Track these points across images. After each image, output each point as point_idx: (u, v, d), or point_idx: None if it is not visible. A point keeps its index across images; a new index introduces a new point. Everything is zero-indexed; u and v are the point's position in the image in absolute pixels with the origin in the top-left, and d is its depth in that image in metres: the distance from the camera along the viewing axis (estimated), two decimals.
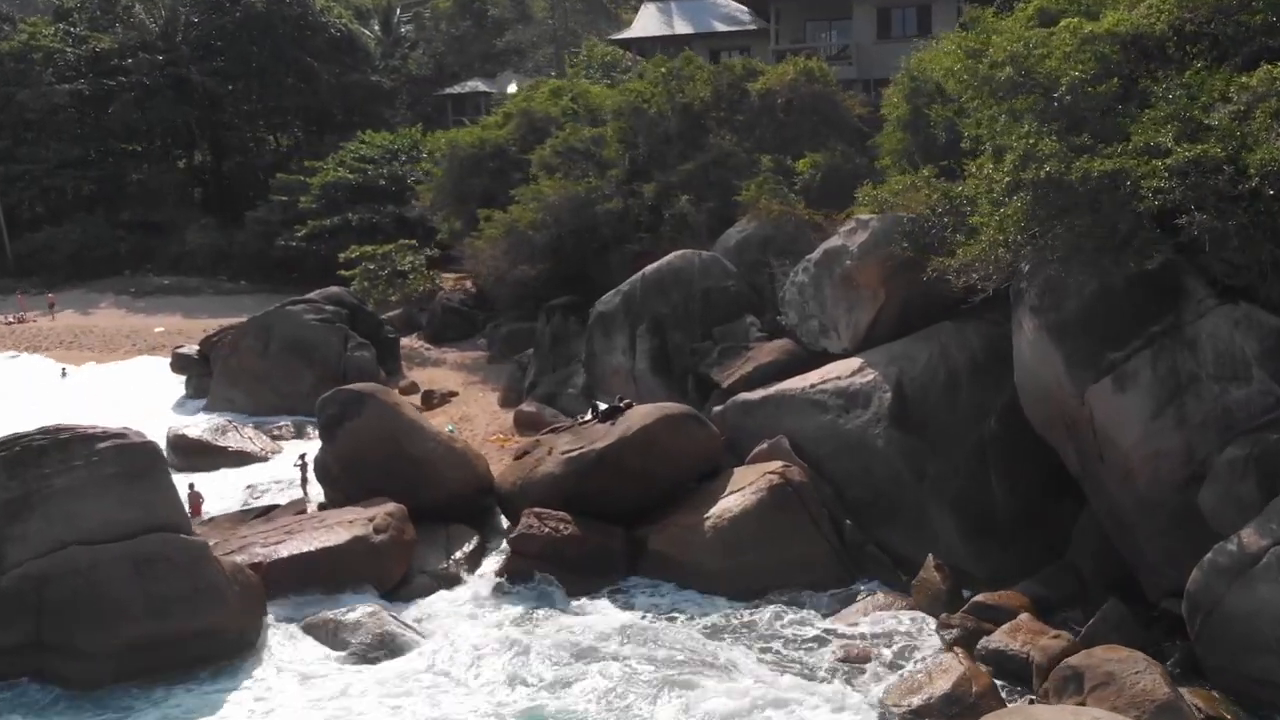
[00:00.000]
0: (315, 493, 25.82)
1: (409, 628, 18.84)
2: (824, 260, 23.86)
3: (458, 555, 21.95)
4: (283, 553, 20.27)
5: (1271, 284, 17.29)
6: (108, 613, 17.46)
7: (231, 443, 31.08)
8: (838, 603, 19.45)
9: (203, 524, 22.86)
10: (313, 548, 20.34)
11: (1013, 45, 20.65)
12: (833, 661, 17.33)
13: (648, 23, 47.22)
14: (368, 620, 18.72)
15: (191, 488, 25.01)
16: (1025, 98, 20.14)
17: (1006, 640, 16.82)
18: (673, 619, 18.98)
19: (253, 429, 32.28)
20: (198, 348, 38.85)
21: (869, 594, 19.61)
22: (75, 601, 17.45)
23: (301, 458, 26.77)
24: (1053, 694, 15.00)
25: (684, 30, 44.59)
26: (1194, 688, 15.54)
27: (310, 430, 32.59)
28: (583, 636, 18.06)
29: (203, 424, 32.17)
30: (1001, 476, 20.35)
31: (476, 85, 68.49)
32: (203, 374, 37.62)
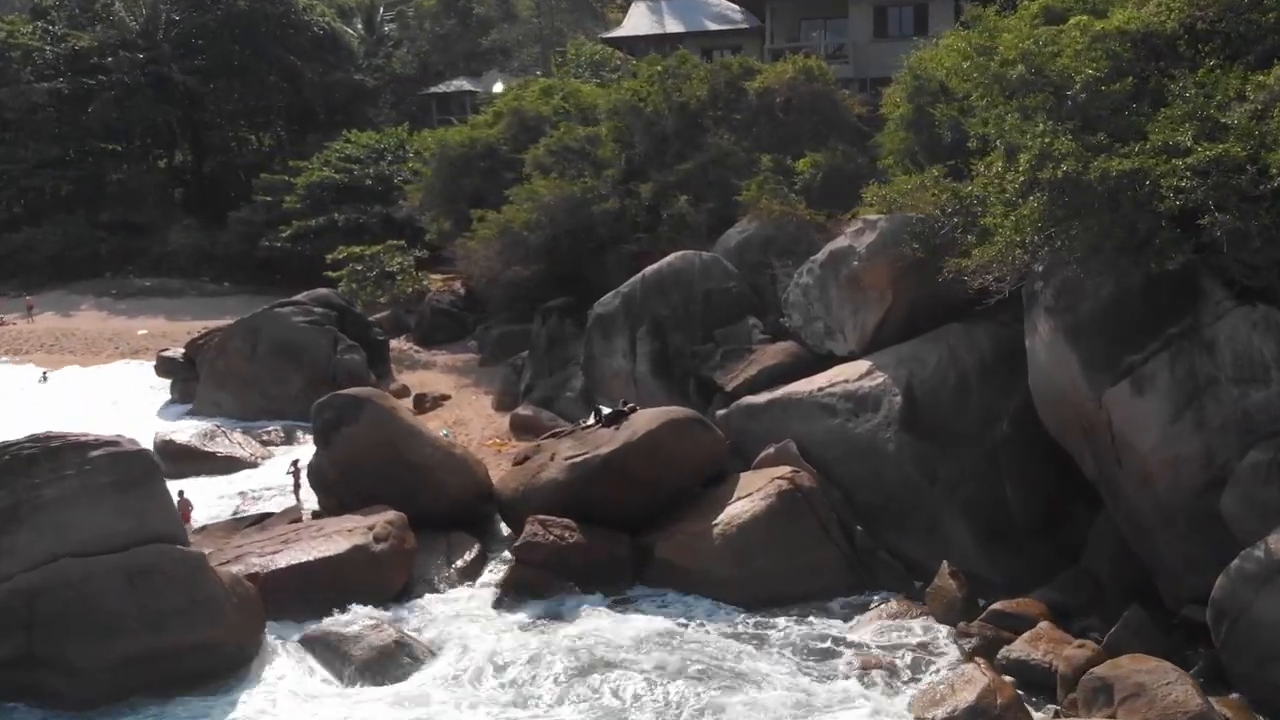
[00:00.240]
0: (308, 499, 25.32)
1: (413, 640, 18.31)
2: (830, 261, 23.49)
3: (459, 564, 21.49)
4: (280, 563, 19.74)
5: None
6: (101, 627, 16.87)
7: (220, 448, 30.45)
8: (851, 611, 19.08)
9: (194, 533, 22.24)
10: (311, 557, 19.83)
11: (1024, 43, 20.36)
12: (852, 671, 16.90)
13: (638, 21, 46.77)
14: (370, 633, 18.16)
15: (181, 495, 24.31)
16: (1036, 96, 19.87)
17: (1028, 649, 16.49)
18: (686, 628, 18.49)
19: (241, 434, 31.63)
20: (183, 351, 38.14)
21: (882, 602, 19.21)
22: (67, 616, 16.83)
23: (294, 463, 26.22)
24: (1081, 705, 14.66)
25: (675, 29, 44.16)
26: (1220, 696, 15.22)
27: (300, 435, 32.07)
28: (596, 647, 17.60)
29: (190, 429, 31.50)
30: (1015, 481, 20.03)
31: (462, 84, 67.76)
32: (188, 377, 36.90)
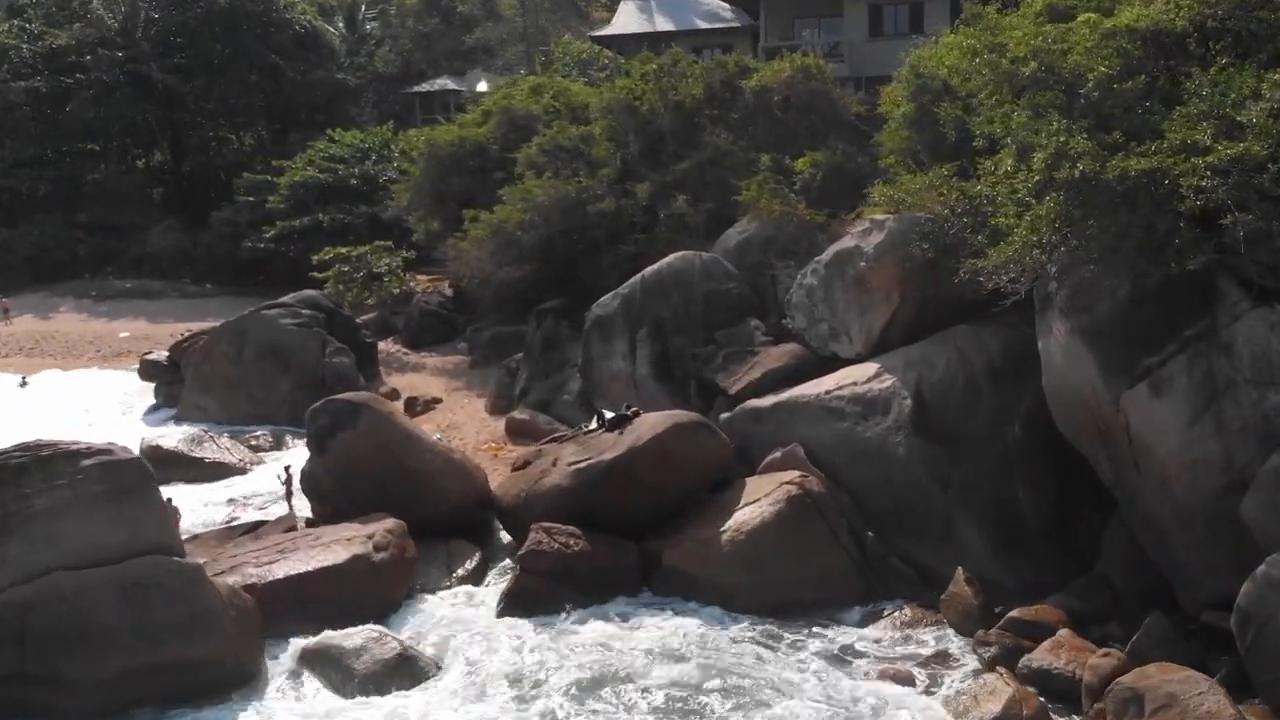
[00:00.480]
0: (300, 507, 24.76)
1: (417, 652, 17.81)
2: (835, 262, 23.11)
3: (460, 572, 21.01)
4: (278, 573, 19.15)
5: None
6: (96, 642, 16.29)
7: (208, 454, 29.79)
8: (864, 619, 18.71)
9: (185, 542, 21.59)
10: (310, 568, 19.25)
11: (1035, 40, 20.08)
12: (881, 680, 16.52)
13: (628, 19, 46.37)
14: (373, 646, 17.62)
15: (169, 502, 23.73)
16: (1046, 94, 19.59)
17: (1049, 658, 16.16)
18: (699, 637, 18.00)
19: (228, 439, 30.96)
20: (167, 354, 37.40)
21: (895, 609, 18.86)
22: (61, 630, 16.23)
23: (286, 469, 25.65)
24: (1110, 716, 14.32)
25: (665, 27, 43.82)
26: (1244, 704, 14.92)
27: (290, 439, 31.52)
28: (608, 658, 17.15)
29: (177, 434, 30.84)
30: (1027, 485, 19.70)
31: (445, 83, 67.16)
32: (173, 381, 36.20)
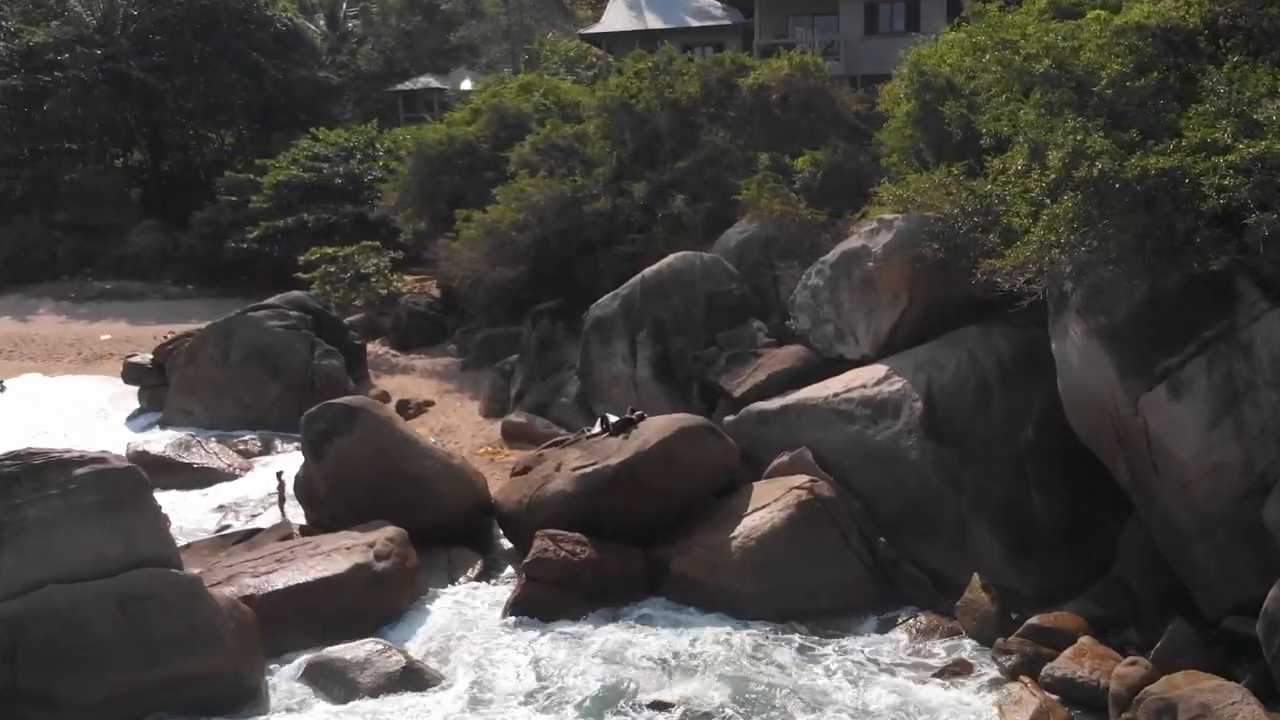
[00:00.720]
0: (293, 513, 24.24)
1: (423, 665, 17.33)
2: (842, 262, 22.74)
3: (463, 581, 20.55)
4: (277, 584, 18.63)
5: None
6: (91, 658, 15.75)
7: (196, 459, 29.07)
8: (878, 626, 18.37)
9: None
10: (310, 578, 18.75)
11: (1047, 37, 19.80)
12: (903, 691, 16.16)
13: (617, 17, 45.93)
14: (377, 658, 17.16)
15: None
16: (1058, 92, 19.31)
17: (1073, 667, 15.86)
18: (714, 646, 17.55)
19: (216, 444, 30.30)
20: (151, 356, 36.60)
21: (909, 616, 18.51)
22: (55, 646, 15.69)
23: (279, 475, 25.09)
24: None
25: (656, 25, 43.40)
26: (1274, 713, 14.67)
27: (279, 444, 30.92)
28: (622, 669, 16.75)
29: (164, 439, 30.14)
30: (1041, 489, 19.39)
31: (429, 82, 66.50)
32: (157, 384, 35.41)
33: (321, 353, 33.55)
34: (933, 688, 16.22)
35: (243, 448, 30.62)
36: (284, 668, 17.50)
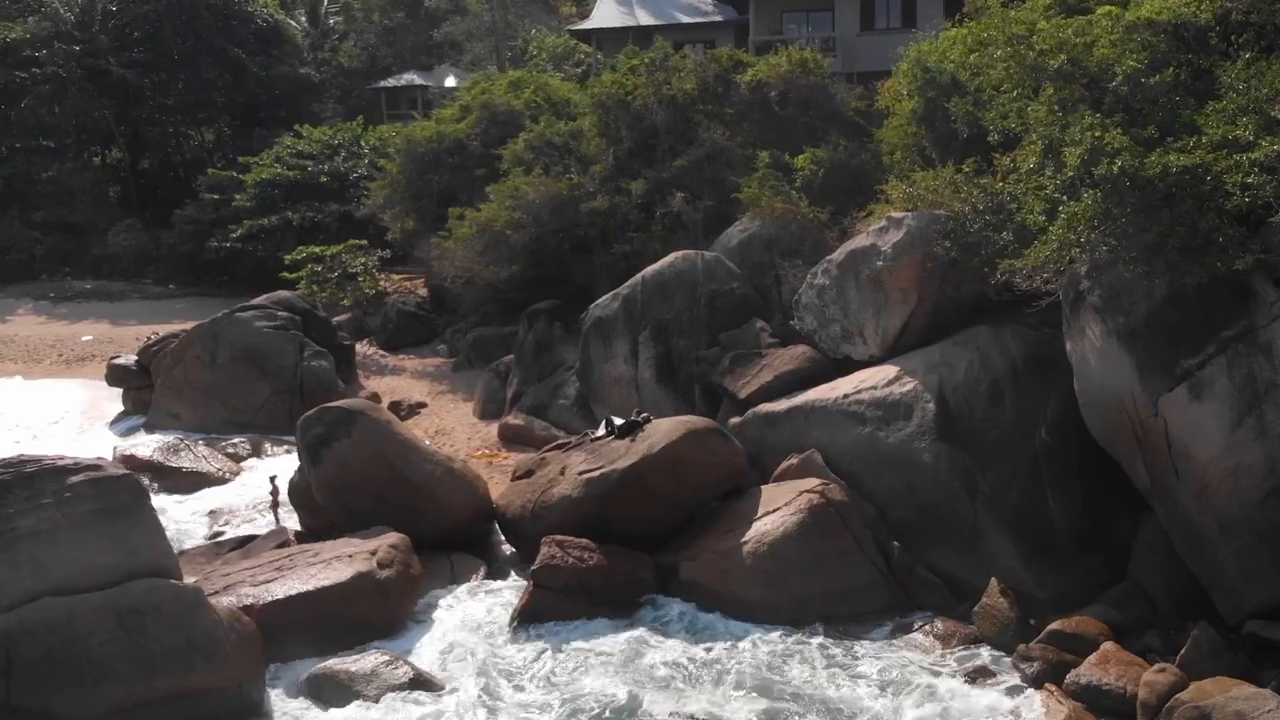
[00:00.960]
0: (286, 519, 23.70)
1: (430, 676, 16.85)
2: (849, 261, 22.35)
3: (467, 589, 20.03)
4: (277, 593, 18.04)
5: None
6: (89, 673, 15.13)
7: (185, 463, 28.46)
8: (893, 632, 17.94)
9: None
10: (311, 587, 18.15)
11: (1061, 34, 19.51)
12: (926, 699, 15.81)
13: (607, 13, 45.40)
14: (384, 669, 16.68)
15: None
16: (1071, 88, 19.02)
17: (1098, 674, 15.51)
18: (731, 654, 17.13)
19: (205, 447, 29.68)
20: (135, 358, 35.90)
21: (925, 622, 18.13)
22: (50, 661, 15.06)
23: (272, 480, 24.54)
24: None
25: (646, 22, 42.96)
26: None
27: (269, 447, 30.37)
28: (639, 678, 16.26)
29: (152, 443, 29.49)
30: (1057, 491, 19.07)
31: (412, 79, 65.96)
32: (142, 387, 34.76)
33: (311, 354, 33.02)
34: (965, 695, 15.84)
35: (232, 451, 30.00)
36: (286, 679, 16.98)
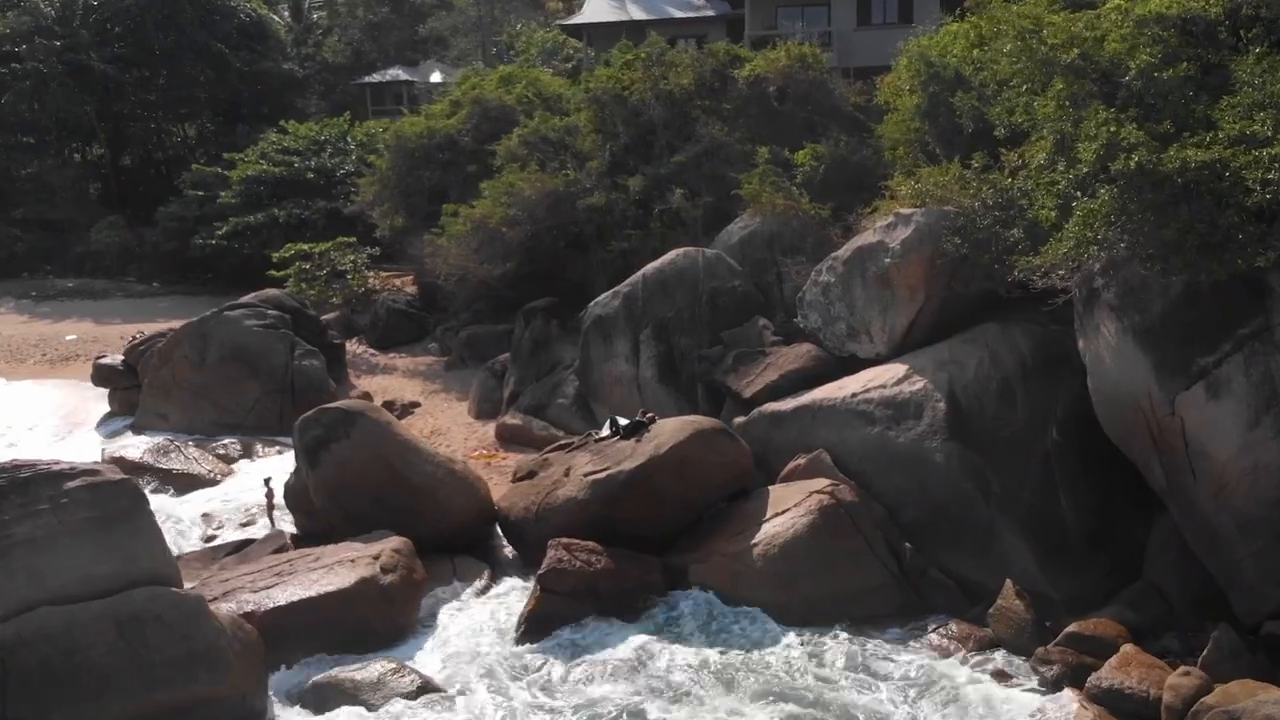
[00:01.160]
0: (280, 521, 23.29)
1: (438, 684, 16.47)
2: (855, 258, 22.05)
3: (471, 593, 19.68)
4: (279, 599, 17.65)
5: None
6: (87, 684, 14.73)
7: (176, 464, 27.94)
8: (909, 635, 17.66)
9: None
10: (314, 593, 17.77)
11: (1073, 28, 19.27)
12: (948, 703, 15.55)
13: (598, 7, 45.02)
14: (390, 677, 16.32)
15: None
16: (1083, 83, 18.79)
17: (1120, 677, 15.27)
18: (744, 658, 16.83)
19: (195, 448, 29.15)
20: (121, 358, 35.27)
21: (939, 625, 17.86)
22: (48, 672, 14.63)
23: (267, 482, 24.09)
24: None
25: (638, 16, 42.60)
26: None
27: (260, 448, 29.84)
28: (653, 684, 15.96)
29: (141, 445, 28.93)
30: (1069, 491, 18.85)
31: (397, 74, 65.39)
32: (129, 387, 34.13)
33: (302, 353, 32.49)
34: (993, 700, 15.61)
35: (222, 452, 29.47)
36: (288, 688, 16.58)
